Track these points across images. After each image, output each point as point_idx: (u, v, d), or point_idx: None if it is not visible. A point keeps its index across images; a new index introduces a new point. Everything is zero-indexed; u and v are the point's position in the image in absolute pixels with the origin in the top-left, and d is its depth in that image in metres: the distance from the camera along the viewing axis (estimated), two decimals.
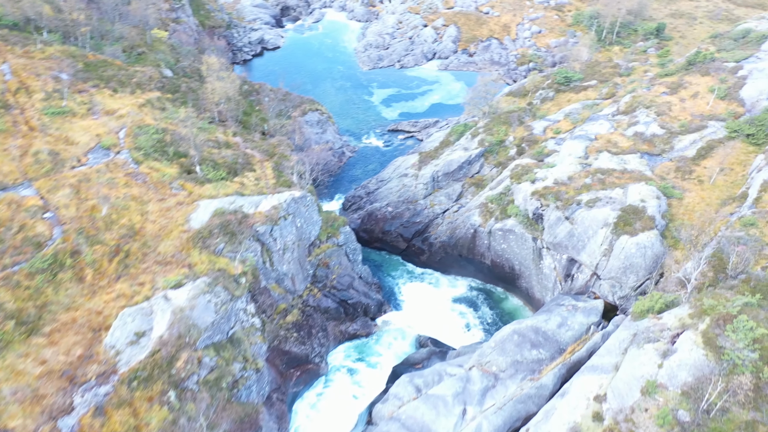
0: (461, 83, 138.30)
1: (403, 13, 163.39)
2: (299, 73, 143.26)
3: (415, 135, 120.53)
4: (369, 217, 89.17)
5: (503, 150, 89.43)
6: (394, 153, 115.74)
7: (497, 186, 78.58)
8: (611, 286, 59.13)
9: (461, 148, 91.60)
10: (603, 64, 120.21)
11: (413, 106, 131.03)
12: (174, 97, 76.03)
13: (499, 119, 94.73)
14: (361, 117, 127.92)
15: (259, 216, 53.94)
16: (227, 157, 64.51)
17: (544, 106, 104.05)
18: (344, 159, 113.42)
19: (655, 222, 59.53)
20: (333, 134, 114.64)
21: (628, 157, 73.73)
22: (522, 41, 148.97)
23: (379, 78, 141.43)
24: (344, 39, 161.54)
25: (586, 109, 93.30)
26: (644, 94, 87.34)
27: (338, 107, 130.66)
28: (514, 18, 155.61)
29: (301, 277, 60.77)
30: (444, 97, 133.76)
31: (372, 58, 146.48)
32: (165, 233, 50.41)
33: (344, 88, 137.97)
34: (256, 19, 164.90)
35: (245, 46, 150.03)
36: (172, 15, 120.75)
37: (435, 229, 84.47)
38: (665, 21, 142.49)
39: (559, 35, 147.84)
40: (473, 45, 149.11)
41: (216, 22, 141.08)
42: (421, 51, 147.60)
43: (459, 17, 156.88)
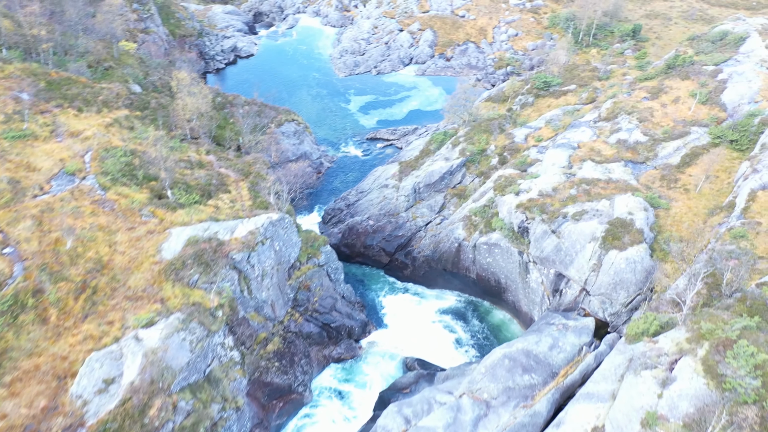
0: (439, 89, 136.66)
1: (378, 18, 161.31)
2: (274, 81, 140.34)
3: (394, 143, 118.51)
4: (350, 231, 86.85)
5: (485, 159, 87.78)
6: (373, 162, 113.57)
7: (480, 198, 76.83)
8: (601, 303, 57.66)
9: (442, 158, 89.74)
10: (581, 67, 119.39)
11: (391, 113, 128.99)
12: (143, 114, 72.90)
13: (479, 127, 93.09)
14: (339, 125, 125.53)
15: (235, 243, 51.33)
16: (200, 178, 61.71)
17: (525, 112, 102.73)
18: (323, 169, 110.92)
19: (643, 235, 58.20)
20: (310, 145, 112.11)
21: (612, 166, 72.48)
22: (499, 44, 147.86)
23: (356, 85, 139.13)
24: (319, 45, 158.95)
25: (566, 115, 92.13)
26: (625, 99, 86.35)
27: (315, 116, 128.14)
28: (491, 21, 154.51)
29: (282, 302, 58.26)
30: (422, 103, 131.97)
31: (348, 64, 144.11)
32: (135, 265, 47.57)
33: (321, 96, 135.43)
34: (228, 26, 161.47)
35: (218, 54, 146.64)
36: (140, 25, 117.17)
37: (418, 242, 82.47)
38: (641, 22, 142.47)
39: (536, 38, 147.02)
40: (450, 49, 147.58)
41: (187, 30, 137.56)
42: (397, 56, 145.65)
43: (435, 21, 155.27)
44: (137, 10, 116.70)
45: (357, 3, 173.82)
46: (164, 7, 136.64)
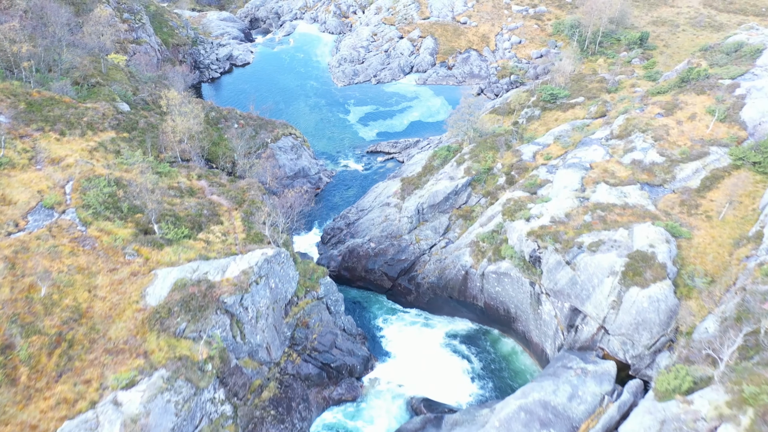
0: (441, 98, 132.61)
1: (378, 25, 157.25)
2: (271, 91, 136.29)
3: (396, 156, 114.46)
4: (350, 254, 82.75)
5: (491, 178, 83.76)
6: (374, 177, 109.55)
7: (488, 222, 72.76)
8: (622, 344, 53.61)
9: (446, 177, 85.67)
10: (588, 77, 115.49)
11: (392, 124, 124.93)
12: (131, 136, 68.73)
13: (485, 144, 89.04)
14: (338, 138, 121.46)
15: (226, 284, 47.20)
16: (190, 208, 57.55)
17: (531, 126, 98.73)
18: (321, 185, 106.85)
19: (666, 270, 54.17)
20: (309, 159, 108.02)
21: (628, 189, 68.45)
22: (502, 52, 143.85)
23: (356, 94, 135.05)
24: (317, 53, 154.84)
25: (576, 131, 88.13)
26: (638, 115, 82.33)
27: (313, 128, 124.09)
28: (493, 28, 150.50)
29: (278, 342, 54.15)
30: (424, 114, 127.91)
31: (347, 73, 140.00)
32: (116, 313, 43.42)
33: (319, 107, 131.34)
34: (224, 33, 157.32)
35: (213, 63, 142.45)
36: (131, 36, 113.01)
37: (422, 267, 78.38)
38: (648, 29, 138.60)
39: (540, 45, 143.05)
40: (452, 57, 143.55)
41: (180, 39, 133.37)
42: (397, 65, 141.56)
43: (436, 28, 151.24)
44: (128, 20, 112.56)
45: (356, 9, 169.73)
46: (157, 15, 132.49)
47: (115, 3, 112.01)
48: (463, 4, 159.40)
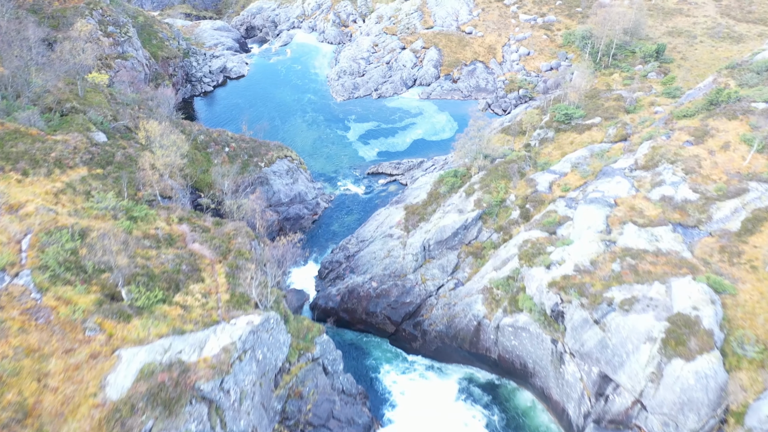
0: (446, 114, 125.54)
1: (379, 35, 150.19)
2: (266, 106, 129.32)
3: (398, 179, 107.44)
4: (350, 295, 75.69)
5: (504, 211, 76.67)
6: (375, 201, 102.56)
7: (503, 266, 65.63)
8: (663, 425, 46.49)
9: (455, 209, 78.56)
10: (603, 94, 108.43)
11: (394, 143, 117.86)
12: (106, 172, 61.63)
13: (496, 172, 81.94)
14: (337, 157, 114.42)
15: (204, 366, 40.09)
16: (168, 261, 50.45)
17: (545, 150, 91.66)
18: (319, 211, 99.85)
19: (714, 338, 47.08)
20: (305, 183, 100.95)
21: (659, 231, 61.32)
22: (509, 64, 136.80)
23: (356, 110, 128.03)
24: (315, 64, 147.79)
25: (595, 157, 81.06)
26: (665, 143, 75.21)
27: (311, 146, 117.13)
28: (500, 38, 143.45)
29: (266, 422, 47.04)
30: (428, 131, 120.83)
31: (346, 87, 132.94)
32: (70, 410, 36.30)
33: (317, 123, 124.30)
34: (218, 44, 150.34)
35: (205, 76, 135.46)
36: (116, 50, 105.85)
37: (429, 311, 71.29)
38: (663, 40, 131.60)
39: (550, 57, 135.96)
40: (457, 70, 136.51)
41: (170, 52, 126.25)
42: (400, 78, 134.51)
43: (440, 38, 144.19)
44: (113, 33, 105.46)
45: (356, 18, 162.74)
46: (146, 26, 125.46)
47: (99, 15, 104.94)
48: (468, 12, 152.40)
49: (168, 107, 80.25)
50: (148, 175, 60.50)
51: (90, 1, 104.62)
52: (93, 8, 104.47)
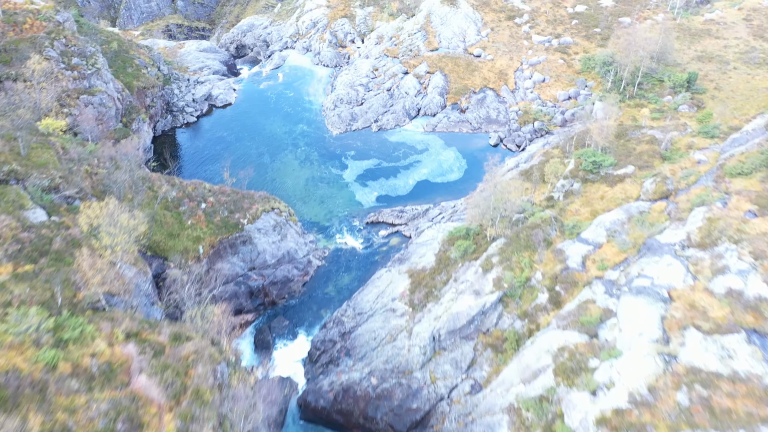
0: (453, 151, 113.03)
1: (379, 57, 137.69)
2: (254, 139, 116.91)
3: (401, 229, 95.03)
4: (345, 394, 63.25)
5: (528, 292, 64.19)
6: (375, 257, 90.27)
7: (532, 379, 53.09)
8: None
9: (469, 289, 66.06)
10: (632, 133, 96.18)
11: (396, 185, 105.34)
12: (37, 268, 49.05)
13: (518, 241, 69.41)
14: (332, 202, 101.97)
15: None
16: (99, 415, 37.89)
17: (571, 206, 79.22)
18: (311, 270, 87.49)
19: None
20: (295, 238, 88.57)
21: (731, 342, 48.73)
22: (523, 92, 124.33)
23: (354, 144, 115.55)
24: (309, 91, 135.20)
25: (635, 224, 68.47)
26: (722, 213, 62.65)
27: (303, 188, 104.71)
28: (511, 63, 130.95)
29: None
30: (433, 171, 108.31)
31: (343, 118, 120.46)
32: None
33: (310, 160, 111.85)
34: (203, 68, 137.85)
35: (188, 105, 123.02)
36: (81, 85, 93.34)
37: (440, 421, 58.78)
38: (692, 66, 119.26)
39: (568, 85, 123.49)
40: (465, 98, 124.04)
41: (148, 81, 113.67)
42: (402, 107, 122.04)
43: (445, 62, 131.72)
44: (77, 66, 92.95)
45: (354, 38, 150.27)
46: (120, 53, 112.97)
47: (62, 46, 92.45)
48: (476, 32, 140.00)
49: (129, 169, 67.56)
50: (87, 276, 47.89)
51: (51, 30, 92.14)
52: (55, 38, 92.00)
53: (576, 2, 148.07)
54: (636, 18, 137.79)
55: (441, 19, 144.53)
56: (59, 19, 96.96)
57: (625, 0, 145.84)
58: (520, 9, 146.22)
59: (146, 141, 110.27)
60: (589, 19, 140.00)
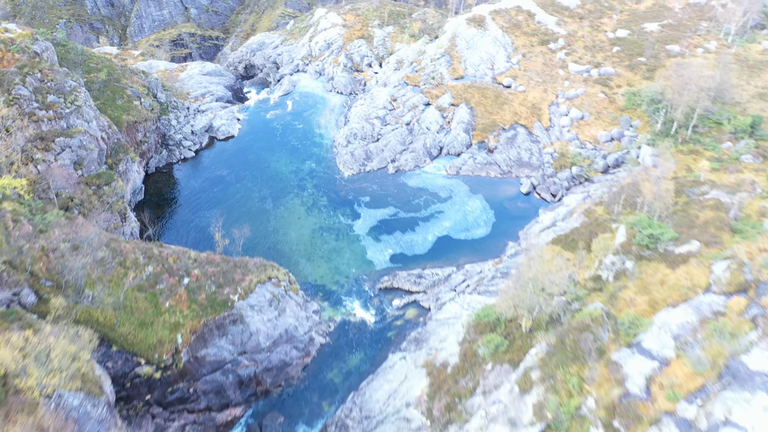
0: (479, 199, 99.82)
1: (398, 86, 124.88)
2: (256, 179, 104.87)
3: (419, 299, 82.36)
4: None
5: (578, 425, 50.94)
6: (388, 334, 77.80)
7: None
8: None
9: (503, 414, 53.04)
10: (690, 191, 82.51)
11: (413, 240, 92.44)
12: None
13: (563, 350, 56.20)
14: (341, 259, 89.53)
15: None
16: None
17: (624, 293, 65.67)
18: (312, 350, 75.19)
19: None
20: (295, 312, 76.28)
21: None
22: (559, 131, 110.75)
23: (368, 189, 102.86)
24: (320, 122, 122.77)
25: (711, 333, 54.79)
26: None
27: (308, 240, 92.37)
28: (545, 95, 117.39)
29: None
30: (457, 224, 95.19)
31: (357, 156, 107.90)
32: None
33: (318, 207, 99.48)
34: (206, 93, 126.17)
35: (186, 138, 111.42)
36: (58, 126, 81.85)
37: None
38: (753, 106, 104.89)
39: (610, 124, 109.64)
40: (493, 136, 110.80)
41: (140, 114, 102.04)
42: (423, 145, 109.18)
43: (472, 93, 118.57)
44: (54, 104, 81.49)
45: (371, 61, 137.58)
46: (109, 83, 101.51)
47: (37, 82, 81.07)
48: (505, 59, 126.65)
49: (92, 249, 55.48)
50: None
51: (25, 64, 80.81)
52: (28, 72, 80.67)
53: (617, 26, 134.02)
54: (686, 46, 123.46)
55: (467, 43, 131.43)
56: (36, 49, 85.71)
57: (673, 24, 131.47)
58: (555, 33, 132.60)
59: (136, 182, 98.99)
60: (632, 46, 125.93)
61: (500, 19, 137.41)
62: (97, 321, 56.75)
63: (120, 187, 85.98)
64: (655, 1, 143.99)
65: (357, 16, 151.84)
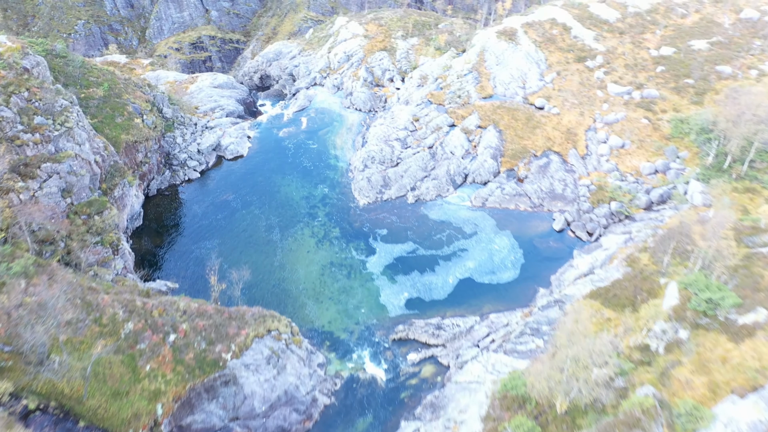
0: (507, 236, 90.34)
1: (421, 104, 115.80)
2: (264, 206, 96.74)
3: (437, 354, 73.50)
4: None
5: None
6: (400, 395, 69.09)
7: None
8: None
9: None
10: (750, 240, 72.17)
11: (433, 283, 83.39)
12: None
13: None
14: (351, 302, 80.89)
15: None
16: None
17: (679, 372, 55.93)
18: (315, 413, 66.74)
19: None
20: (297, 368, 67.82)
21: None
22: (596, 160, 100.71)
23: (384, 220, 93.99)
24: (336, 142, 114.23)
25: None
26: None
27: (316, 278, 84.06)
28: (582, 119, 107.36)
29: None
30: (482, 264, 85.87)
31: (374, 183, 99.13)
32: None
33: (329, 239, 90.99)
34: (216, 108, 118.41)
35: (191, 157, 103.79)
36: (45, 150, 74.44)
37: None
38: None
39: (654, 154, 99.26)
40: (523, 163, 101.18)
41: (140, 133, 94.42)
42: (446, 172, 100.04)
43: (501, 114, 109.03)
44: (41, 126, 74.11)
45: (393, 75, 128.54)
46: (109, 99, 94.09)
47: (23, 102, 73.76)
48: (538, 77, 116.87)
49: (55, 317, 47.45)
50: None
51: (11, 82, 73.55)
52: (14, 91, 73.36)
53: (661, 42, 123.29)
54: (738, 67, 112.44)
55: (497, 58, 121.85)
56: (26, 64, 78.42)
57: (723, 42, 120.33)
58: (593, 49, 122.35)
59: (134, 207, 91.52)
60: (678, 65, 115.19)
61: (533, 32, 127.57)
62: (62, 393, 48.95)
63: (112, 217, 78.33)
64: (703, 16, 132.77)
65: (379, 27, 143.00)
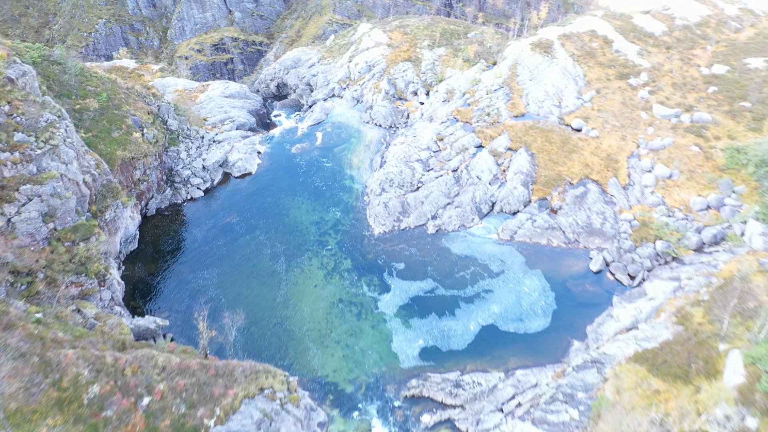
0: (537, 275, 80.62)
1: (446, 122, 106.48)
2: (269, 231, 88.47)
3: (454, 417, 64.18)
4: None
5: None
6: None
7: None
8: None
9: None
10: None
11: (452, 330, 74.06)
12: None
13: None
14: (359, 347, 72.06)
15: None
16: None
17: None
18: None
19: None
20: (292, 429, 58.82)
21: None
22: (640, 191, 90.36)
23: (402, 253, 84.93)
24: (353, 161, 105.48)
25: None
26: None
27: (322, 318, 75.44)
28: (624, 144, 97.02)
29: None
30: (508, 309, 76.29)
31: (391, 210, 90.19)
32: None
33: (339, 272, 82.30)
34: (226, 119, 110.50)
35: (195, 174, 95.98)
36: (26, 170, 66.99)
37: None
38: None
39: (706, 187, 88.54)
40: (557, 192, 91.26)
41: (139, 149, 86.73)
42: (471, 199, 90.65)
43: (533, 135, 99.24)
44: (22, 144, 66.72)
45: (417, 88, 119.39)
46: (107, 110, 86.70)
47: (3, 116, 66.44)
48: (576, 94, 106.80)
49: None
50: None
51: None
52: None
53: (712, 59, 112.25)
54: None
55: (530, 73, 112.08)
56: (11, 74, 71.23)
57: None
58: (636, 65, 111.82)
59: (129, 229, 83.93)
60: (732, 85, 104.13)
61: (571, 45, 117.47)
62: None
63: (98, 244, 70.68)
64: (758, 30, 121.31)
65: (404, 35, 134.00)
